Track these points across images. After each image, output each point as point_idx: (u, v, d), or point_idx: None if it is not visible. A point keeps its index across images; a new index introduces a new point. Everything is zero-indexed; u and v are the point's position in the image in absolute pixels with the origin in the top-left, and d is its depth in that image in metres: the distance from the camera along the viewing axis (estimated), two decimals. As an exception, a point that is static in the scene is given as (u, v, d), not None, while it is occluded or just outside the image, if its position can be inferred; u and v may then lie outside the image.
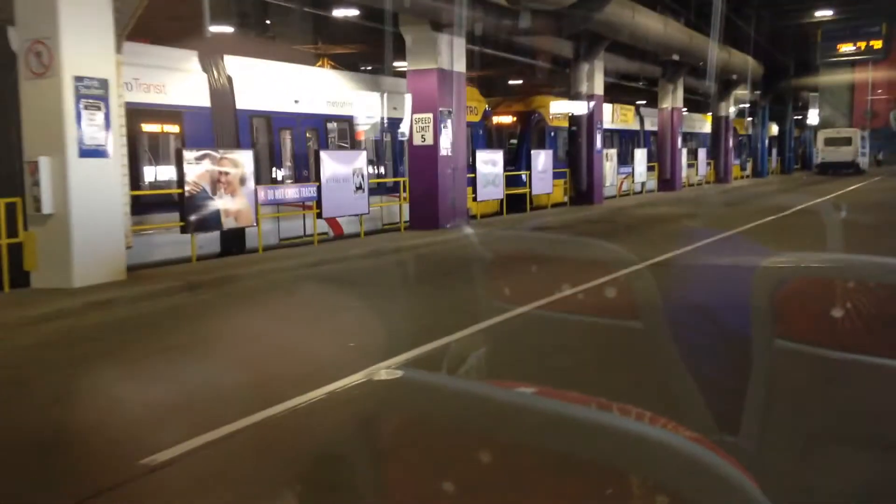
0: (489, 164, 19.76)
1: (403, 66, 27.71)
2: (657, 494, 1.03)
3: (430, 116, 16.76)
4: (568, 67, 23.93)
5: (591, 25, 20.37)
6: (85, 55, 9.73)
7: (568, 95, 24.01)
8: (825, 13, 35.49)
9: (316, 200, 14.53)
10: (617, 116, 29.09)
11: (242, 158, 12.84)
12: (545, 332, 7.81)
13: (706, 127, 40.12)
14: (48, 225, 9.71)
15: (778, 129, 53.75)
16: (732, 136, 41.94)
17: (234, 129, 14.22)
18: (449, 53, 16.90)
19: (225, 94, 14.08)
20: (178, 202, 11.99)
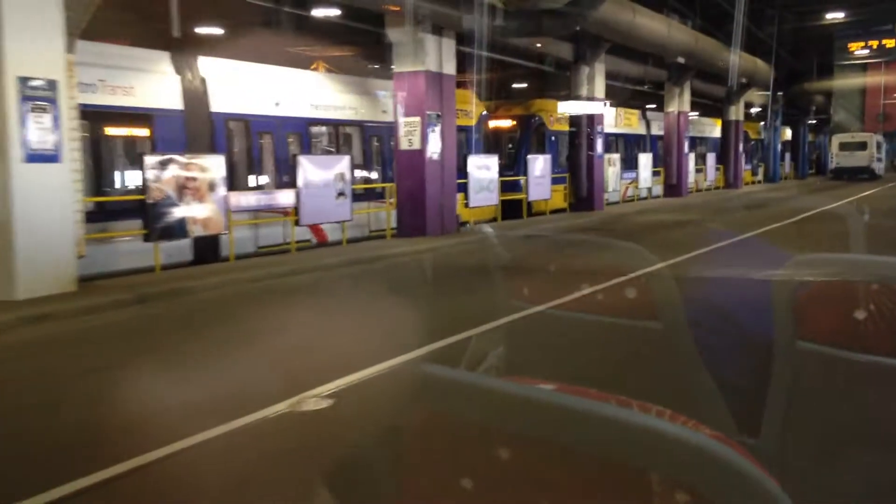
0: (483, 168, 19.19)
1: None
2: (677, 492, 1.02)
3: (417, 120, 16.20)
4: (568, 70, 23.34)
5: (588, 26, 19.74)
6: (31, 55, 9.23)
7: (568, 99, 23.38)
8: (836, 15, 34.66)
9: (294, 207, 14.01)
10: (620, 120, 28.42)
11: (211, 163, 12.32)
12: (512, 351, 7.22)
13: (716, 131, 39.37)
14: (-10, 233, 9.23)
15: (792, 133, 52.91)
16: (744, 140, 41.21)
17: (208, 132, 13.71)
18: (437, 55, 16.34)
19: (199, 96, 13.57)
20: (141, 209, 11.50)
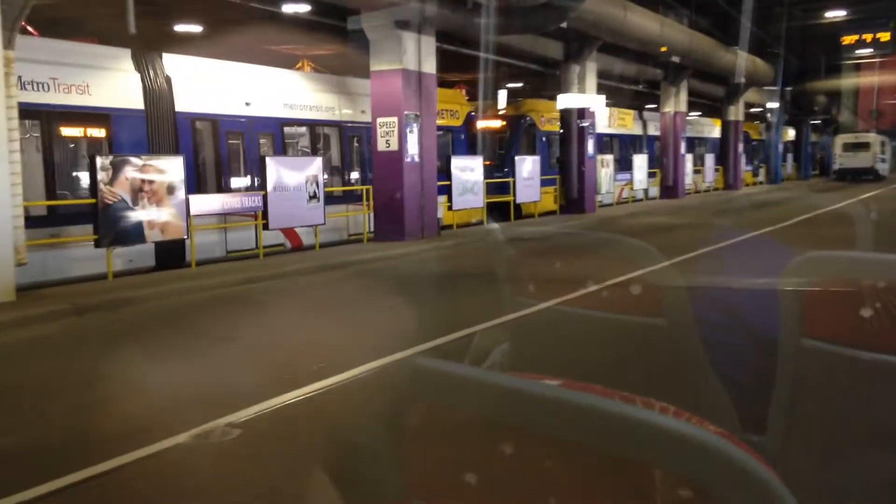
0: (467, 170, 18.63)
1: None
2: (680, 488, 1.02)
3: (394, 120, 15.65)
4: (559, 70, 22.77)
5: (575, 23, 19.19)
6: (-38, 51, 8.74)
7: (554, 97, 22.82)
8: (837, 13, 33.99)
9: (262, 210, 13.48)
10: (614, 120, 27.83)
11: (170, 165, 11.79)
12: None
13: (716, 132, 38.74)
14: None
15: (795, 133, 52.21)
16: (745, 141, 40.57)
17: (172, 133, 13.19)
18: (416, 53, 15.79)
19: (162, 95, 13.05)
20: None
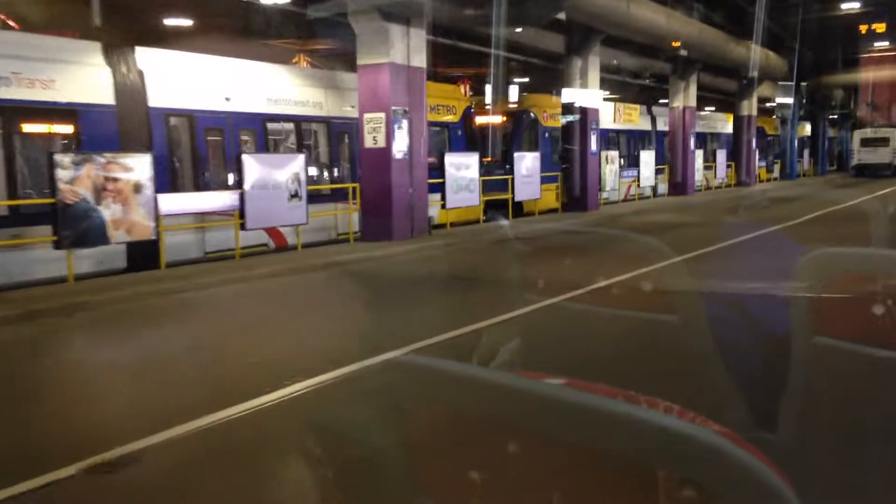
0: (462, 168, 18.06)
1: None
2: (683, 488, 1.01)
3: (381, 116, 15.11)
4: (561, 64, 22.14)
5: (574, 15, 18.58)
6: None
7: (560, 94, 22.22)
8: (853, 5, 33.06)
9: (239, 210, 12.99)
10: (620, 116, 27.14)
11: (137, 163, 11.31)
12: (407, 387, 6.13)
13: (729, 127, 37.90)
14: None
15: (811, 128, 51.19)
16: (759, 136, 39.72)
17: (145, 129, 12.71)
18: (404, 46, 15.23)
19: (134, 90, 12.57)
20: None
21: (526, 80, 32.16)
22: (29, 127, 11.44)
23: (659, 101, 33.32)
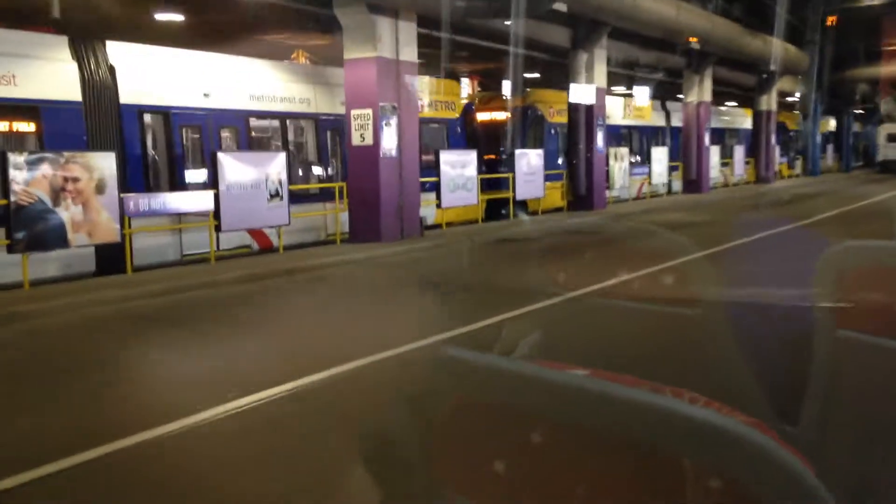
0: (458, 166, 17.42)
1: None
2: (710, 479, 1.00)
3: (369, 113, 14.49)
4: (566, 58, 21.40)
5: (578, 8, 17.87)
6: None
7: (565, 89, 21.49)
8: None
9: (213, 210, 12.44)
10: (630, 111, 26.32)
11: (99, 162, 10.79)
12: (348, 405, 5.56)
13: (748, 122, 36.87)
14: None
15: (836, 123, 49.95)
16: (780, 131, 38.70)
17: (115, 127, 12.19)
18: (392, 39, 14.60)
19: (104, 86, 12.06)
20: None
21: (536, 75, 31.45)
22: (-14, 125, 10.96)
23: (675, 96, 32.45)
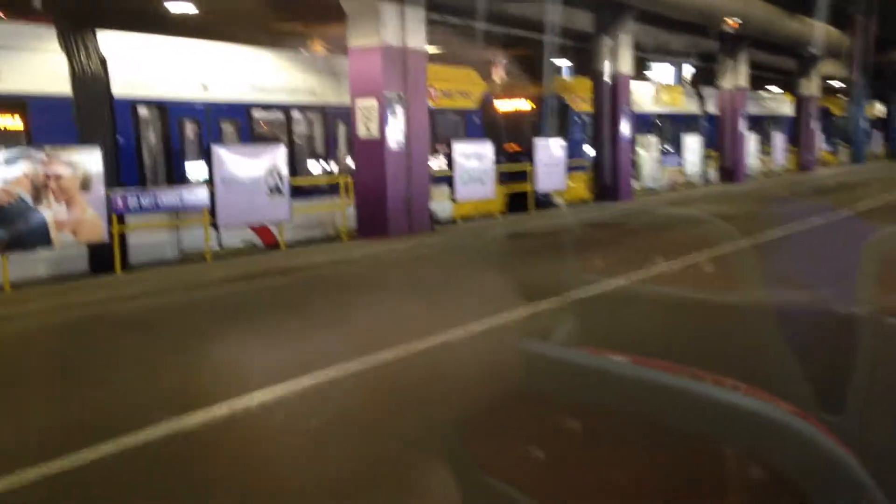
0: (473, 157, 16.81)
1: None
2: (752, 466, 1.00)
3: (373, 103, 13.98)
4: (590, 44, 20.67)
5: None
6: None
7: (587, 75, 20.77)
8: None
9: (209, 206, 12.05)
10: (660, 98, 25.42)
11: (83, 158, 10.44)
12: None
13: (790, 108, 35.59)
14: None
15: (887, 109, 48.14)
16: (824, 117, 37.38)
17: (108, 120, 11.85)
18: (398, 26, 14.05)
19: (95, 78, 11.71)
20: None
21: (568, 63, 30.64)
22: (-34, 120, 10.68)
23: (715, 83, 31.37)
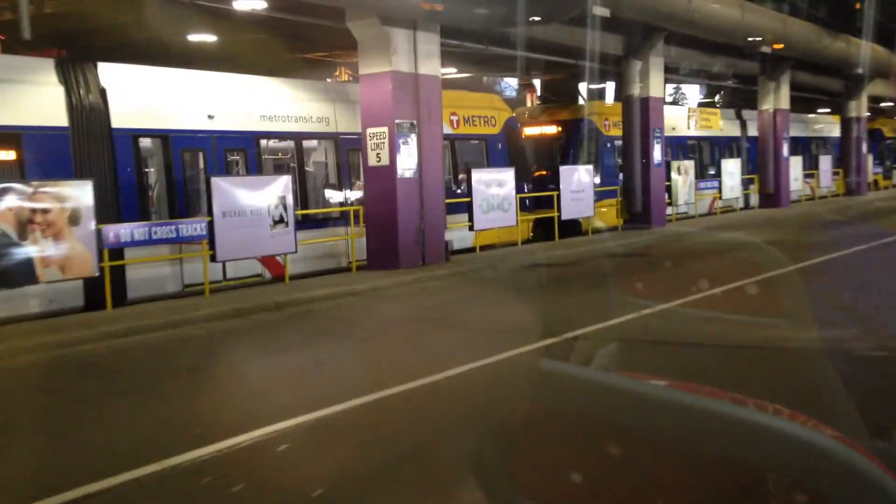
0: (493, 185, 16.30)
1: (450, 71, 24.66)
2: (794, 493, 0.98)
3: (384, 131, 13.57)
4: (619, 66, 20.07)
5: (623, 13, 16.53)
6: None
7: (617, 99, 20.15)
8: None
9: (207, 239, 11.70)
10: (694, 123, 24.61)
11: (74, 191, 10.16)
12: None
13: (838, 130, 34.40)
14: None
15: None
16: (876, 139, 36.13)
17: (107, 153, 11.60)
18: (409, 52, 13.65)
19: (93, 110, 11.48)
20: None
21: (603, 85, 30.00)
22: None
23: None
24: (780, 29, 22.35)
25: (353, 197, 15.17)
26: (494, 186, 16.29)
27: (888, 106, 39.43)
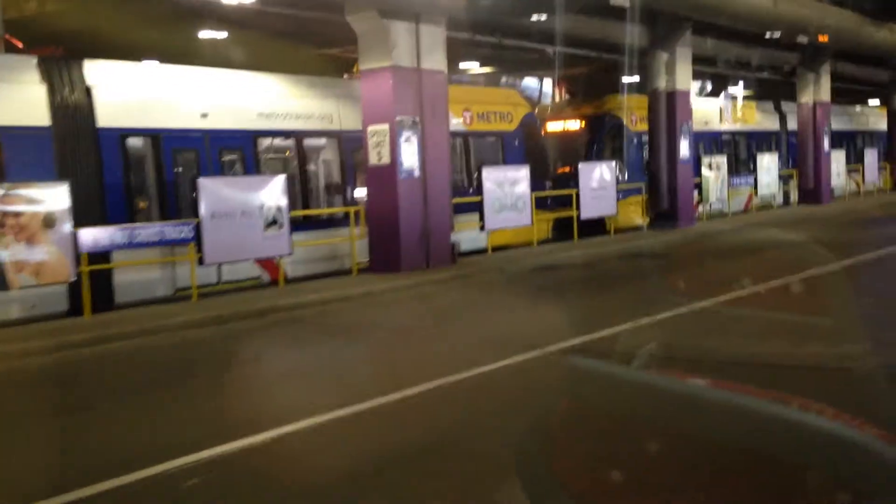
0: (506, 184, 15.64)
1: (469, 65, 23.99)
2: (839, 492, 0.95)
3: (385, 128, 13.02)
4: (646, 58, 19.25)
5: (647, 2, 15.76)
6: None
7: (642, 92, 19.35)
8: None
9: (194, 242, 11.28)
10: (727, 116, 23.60)
11: (48, 193, 9.80)
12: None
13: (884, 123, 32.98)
14: None
15: None
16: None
17: (92, 153, 11.25)
18: (411, 46, 13.07)
19: (78, 109, 11.13)
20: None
21: (634, 79, 29.05)
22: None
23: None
24: (816, 17, 21.26)
25: (358, 195, 14.65)
26: (507, 185, 15.64)
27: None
